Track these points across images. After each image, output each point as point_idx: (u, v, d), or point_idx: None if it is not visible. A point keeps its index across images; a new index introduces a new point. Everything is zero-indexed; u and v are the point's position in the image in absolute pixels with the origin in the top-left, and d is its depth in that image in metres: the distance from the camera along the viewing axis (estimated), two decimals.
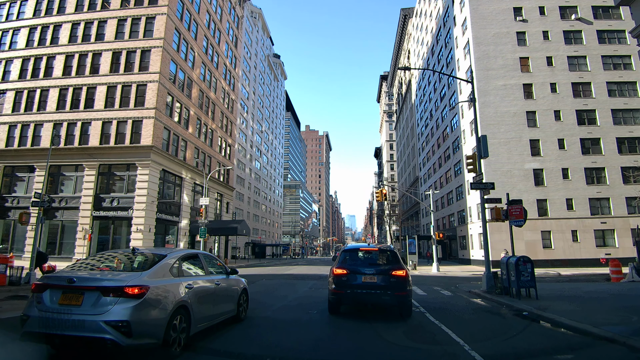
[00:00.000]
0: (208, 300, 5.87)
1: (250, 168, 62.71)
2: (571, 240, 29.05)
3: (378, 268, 7.91)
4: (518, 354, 5.32)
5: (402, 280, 7.58)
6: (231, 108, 50.84)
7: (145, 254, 5.62)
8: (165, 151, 32.79)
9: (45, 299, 4.42)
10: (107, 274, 4.92)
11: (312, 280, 16.86)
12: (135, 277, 4.63)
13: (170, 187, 34.85)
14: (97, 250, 30.52)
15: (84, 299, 4.31)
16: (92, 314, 4.21)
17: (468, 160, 13.12)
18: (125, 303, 4.30)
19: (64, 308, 4.29)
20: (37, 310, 4.36)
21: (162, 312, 4.65)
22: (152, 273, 4.85)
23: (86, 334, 4.13)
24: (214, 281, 6.28)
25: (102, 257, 5.85)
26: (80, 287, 4.39)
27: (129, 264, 5.45)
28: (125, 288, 4.37)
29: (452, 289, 13.51)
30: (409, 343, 5.89)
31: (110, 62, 33.08)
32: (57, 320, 4.21)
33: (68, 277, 4.48)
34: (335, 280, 7.80)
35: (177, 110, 35.70)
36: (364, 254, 8.47)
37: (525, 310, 8.26)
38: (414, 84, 61.72)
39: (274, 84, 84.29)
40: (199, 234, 27.32)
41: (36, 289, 4.55)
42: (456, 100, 37.78)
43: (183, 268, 5.61)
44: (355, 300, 7.92)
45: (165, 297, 4.79)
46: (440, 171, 44.60)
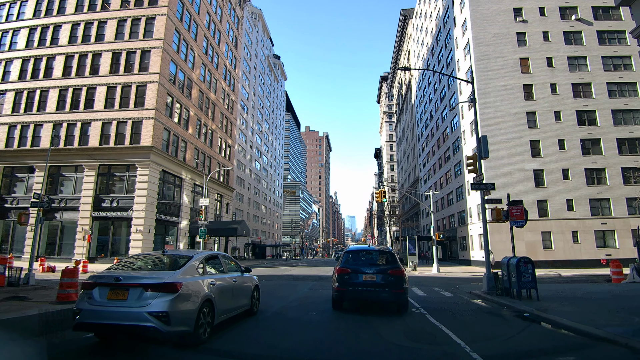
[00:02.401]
0: (227, 295, 6.65)
1: (250, 169, 62.68)
2: (571, 241, 29.00)
3: (377, 268, 8.52)
4: (519, 356, 5.28)
5: (399, 279, 8.25)
6: (231, 109, 50.82)
7: (175, 255, 6.40)
8: (165, 152, 32.75)
9: (95, 294, 5.12)
10: (146, 273, 5.69)
11: (312, 281, 16.81)
12: (170, 275, 5.38)
13: (170, 187, 34.80)
14: (96, 251, 30.50)
15: (129, 294, 5.03)
16: (136, 307, 4.93)
17: (468, 161, 13.07)
18: (164, 297, 5.01)
19: (112, 302, 5.02)
20: (88, 304, 5.07)
21: (193, 304, 5.38)
22: (183, 272, 5.57)
23: (133, 323, 4.87)
24: (232, 279, 7.07)
25: (137, 259, 6.51)
26: (126, 284, 5.09)
27: (161, 264, 6.22)
28: (163, 284, 5.10)
29: (453, 290, 13.46)
30: (410, 344, 5.85)
31: (110, 63, 33.07)
32: (106, 312, 4.96)
33: (115, 276, 5.21)
34: (339, 278, 8.40)
35: (177, 110, 35.67)
36: (364, 254, 9.19)
37: (526, 312, 8.21)
38: (414, 84, 61.70)
39: (274, 84, 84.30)
40: (199, 235, 27.26)
41: (86, 287, 5.23)
42: (456, 101, 37.73)
43: (207, 267, 6.41)
44: (356, 296, 8.46)
45: (194, 292, 5.52)
46: (440, 172, 44.56)
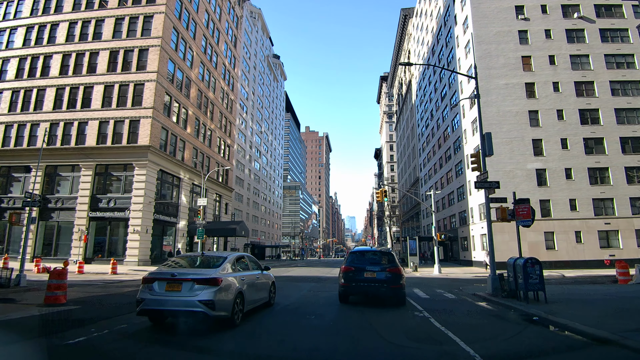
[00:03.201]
0: (253, 289, 8.06)
1: (249, 169, 62.28)
2: (574, 242, 28.60)
3: (377, 266, 9.70)
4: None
5: (397, 276, 9.50)
6: (230, 108, 50.45)
7: (212, 256, 7.76)
8: (163, 151, 32.39)
9: (155, 287, 6.40)
10: (193, 270, 6.93)
11: (311, 283, 16.42)
12: (212, 272, 6.66)
13: (168, 187, 34.43)
14: (93, 252, 30.15)
15: (183, 287, 6.31)
16: (189, 296, 6.21)
17: (472, 159, 12.70)
18: (209, 289, 6.30)
19: (169, 293, 6.30)
20: (149, 294, 6.35)
21: (230, 295, 6.71)
22: (221, 269, 6.90)
23: (187, 309, 6.20)
24: (256, 275, 8.46)
25: (182, 259, 7.95)
26: (180, 279, 6.39)
27: (202, 263, 7.47)
28: (209, 279, 6.40)
29: (456, 292, 13.06)
30: (415, 351, 5.45)
31: (107, 61, 32.76)
32: (165, 301, 6.26)
33: (171, 272, 6.54)
34: (344, 275, 9.70)
35: (175, 110, 35.31)
36: (366, 254, 10.50)
37: (536, 315, 7.82)
38: (414, 84, 61.33)
39: (274, 84, 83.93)
40: (197, 235, 26.88)
41: (147, 281, 6.55)
42: (457, 100, 37.35)
43: (237, 266, 7.76)
44: (359, 291, 9.72)
45: (230, 285, 6.86)
46: (441, 172, 44.17)
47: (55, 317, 7.77)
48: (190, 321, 6.70)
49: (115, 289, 13.75)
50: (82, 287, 14.19)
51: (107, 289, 13.90)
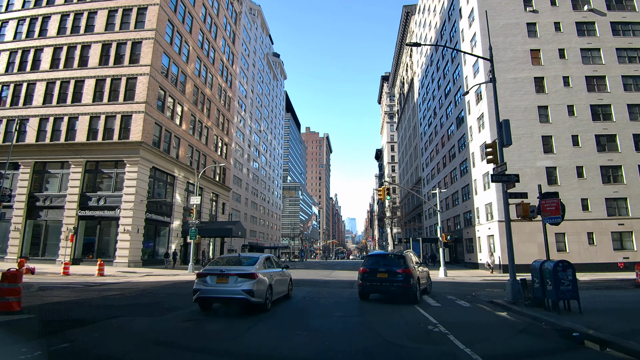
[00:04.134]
0: (278, 283, 9.88)
1: (247, 168, 60.97)
2: (587, 243, 27.22)
3: (389, 267, 10.85)
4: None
5: (406, 276, 10.46)
6: (228, 105, 49.21)
7: (247, 256, 9.53)
8: (156, 148, 31.15)
9: (207, 280, 8.34)
10: (236, 267, 8.61)
11: (308, 287, 15.09)
12: (251, 268, 8.43)
13: (161, 186, 33.15)
14: (82, 252, 28.91)
15: (229, 280, 8.18)
16: (235, 287, 8.10)
17: (488, 149, 11.38)
18: (249, 281, 8.13)
19: (219, 284, 8.23)
20: (203, 286, 8.25)
21: (263, 286, 8.55)
22: (257, 266, 8.63)
23: (234, 296, 8.11)
24: (279, 272, 10.33)
25: (221, 259, 9.82)
26: (227, 274, 8.25)
27: (239, 262, 9.13)
28: (249, 274, 8.21)
29: (469, 299, 11.71)
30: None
31: (99, 55, 31.65)
32: (217, 290, 8.26)
33: (220, 269, 8.46)
34: (361, 276, 11.13)
35: (170, 105, 34.09)
36: (381, 257, 11.87)
37: (575, 330, 6.46)
38: (417, 82, 60.06)
39: (273, 83, 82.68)
40: (189, 235, 25.56)
41: (201, 276, 8.44)
42: (462, 97, 36.02)
43: (266, 264, 9.51)
44: (373, 290, 11.09)
45: (264, 279, 8.64)
46: (444, 171, 42.82)
47: None
48: (235, 306, 8.67)
49: (92, 294, 12.44)
50: (56, 291, 12.88)
51: (84, 293, 12.58)
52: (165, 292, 13.47)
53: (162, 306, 9.74)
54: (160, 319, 7.99)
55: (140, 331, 6.72)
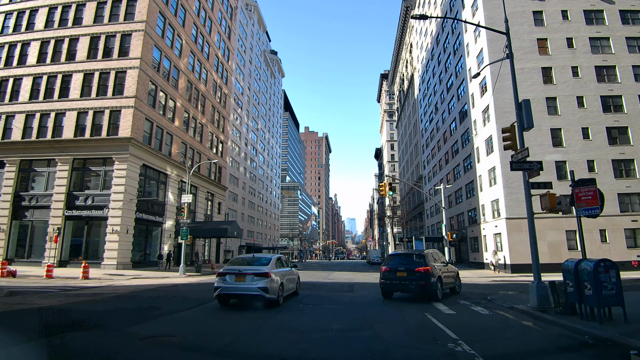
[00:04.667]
0: (288, 281, 11.09)
1: (245, 167, 59.60)
2: (599, 241, 25.89)
3: (407, 266, 10.98)
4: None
5: (425, 274, 10.53)
6: (224, 102, 47.87)
7: (260, 257, 10.81)
8: (147, 145, 29.84)
9: (227, 278, 9.65)
10: (251, 267, 9.94)
11: (304, 291, 13.75)
12: (265, 268, 9.78)
13: (153, 184, 31.82)
14: (69, 254, 27.57)
15: (246, 278, 9.50)
16: (251, 284, 9.37)
17: (505, 134, 10.06)
18: (264, 279, 9.42)
19: (237, 282, 9.53)
20: (223, 284, 9.57)
21: (276, 284, 9.86)
22: (270, 266, 9.98)
23: (250, 293, 9.38)
24: (289, 271, 11.53)
25: (237, 260, 10.93)
26: (244, 273, 9.61)
27: (254, 262, 10.34)
28: (263, 273, 9.54)
29: (485, 304, 10.37)
30: None
31: (87, 48, 30.41)
32: (235, 288, 9.53)
33: (238, 269, 9.81)
34: (382, 275, 11.42)
35: (162, 100, 32.77)
36: (401, 256, 11.94)
37: (633, 347, 5.12)
38: (417, 78, 58.76)
39: (271, 80, 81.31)
40: (180, 235, 24.22)
41: (221, 275, 9.80)
42: (465, 90, 34.68)
43: (277, 264, 10.63)
44: (393, 288, 11.33)
45: (276, 277, 9.97)
46: (447, 168, 41.48)
47: None
48: (251, 301, 9.57)
49: (65, 299, 11.15)
50: (25, 296, 11.56)
51: (51, 299, 11.23)
52: (147, 296, 12.16)
53: (125, 317, 8.37)
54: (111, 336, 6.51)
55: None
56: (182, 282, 17.73)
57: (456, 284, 13.08)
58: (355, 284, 16.76)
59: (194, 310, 9.48)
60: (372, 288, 15.27)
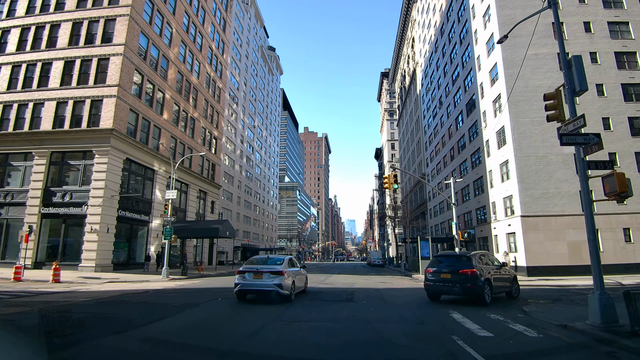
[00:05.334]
0: (298, 279, 12.48)
1: (240, 165, 57.41)
2: (623, 241, 23.71)
3: (452, 267, 10.95)
4: None
5: (470, 276, 10.36)
6: (218, 97, 45.76)
7: (274, 257, 12.11)
8: (132, 138, 27.73)
9: (246, 276, 10.80)
10: (267, 266, 11.03)
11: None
12: (279, 267, 10.88)
13: (139, 180, 29.66)
14: (46, 255, 25.39)
15: (263, 276, 10.58)
16: (268, 282, 10.49)
17: (548, 102, 7.94)
18: (279, 277, 10.56)
19: (255, 279, 10.62)
20: (242, 281, 10.71)
21: (289, 281, 11.01)
22: (283, 266, 11.10)
23: (267, 289, 10.46)
24: (299, 271, 12.97)
25: (255, 260, 12.10)
26: (262, 271, 10.71)
27: (269, 262, 11.50)
28: (278, 271, 10.66)
29: (522, 318, 8.18)
30: None
31: (69, 34, 28.42)
32: (254, 284, 10.64)
33: (256, 268, 10.89)
34: (425, 276, 11.61)
35: (149, 91, 30.67)
36: (445, 258, 11.88)
37: None
38: (419, 73, 56.70)
39: (269, 77, 79.23)
40: (164, 235, 22.04)
41: (241, 272, 10.94)
42: (473, 80, 32.55)
43: (289, 264, 11.92)
44: (437, 290, 11.37)
45: (289, 275, 11.13)
46: (452, 164, 39.31)
47: None
48: (267, 296, 10.83)
49: (14, 308, 8.99)
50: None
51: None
52: (99, 311, 9.98)
53: None
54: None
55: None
56: (158, 288, 15.50)
57: (513, 288, 12.37)
58: (355, 291, 14.58)
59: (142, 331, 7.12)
60: (375, 296, 13.12)
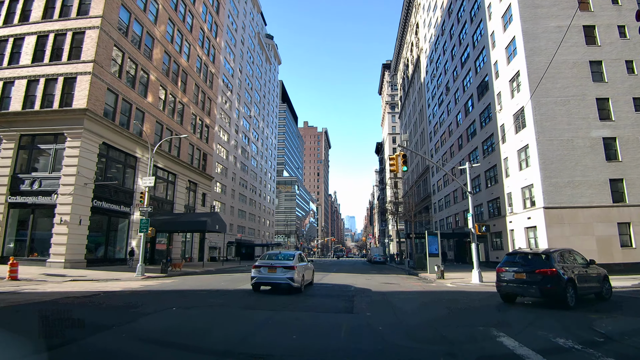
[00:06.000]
0: (307, 273, 13.93)
1: (235, 156, 54.72)
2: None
3: (526, 267, 10.04)
4: None
5: (548, 276, 9.30)
6: (210, 83, 43.02)
7: (286, 253, 13.66)
8: (110, 120, 25.12)
9: (262, 270, 12.12)
10: (280, 261, 12.40)
11: (266, 312, 9.00)
12: (291, 262, 12.22)
13: (119, 168, 27.06)
14: (15, 249, 22.87)
15: (277, 270, 11.93)
16: (281, 275, 11.85)
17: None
18: (291, 271, 11.84)
19: (270, 273, 12.02)
20: (258, 274, 12.09)
21: (299, 275, 12.30)
22: (294, 261, 12.48)
23: (280, 282, 11.94)
24: (307, 265, 14.53)
25: (268, 255, 13.51)
26: (275, 266, 12.03)
27: (282, 258, 13.04)
28: (290, 266, 11.97)
29: (586, 339, 5.66)
30: None
31: (43, 7, 25.86)
32: (268, 278, 12.08)
33: (270, 263, 12.22)
34: (497, 276, 10.77)
35: (131, 71, 28.02)
36: (519, 256, 10.86)
37: None
38: (424, 60, 53.90)
39: (266, 66, 76.31)
40: (139, 228, 19.49)
41: (257, 267, 12.29)
42: (486, 59, 29.85)
43: (299, 259, 13.32)
44: (510, 291, 10.41)
45: (299, 270, 12.42)
46: (460, 154, 36.66)
47: None
48: (280, 288, 12.45)
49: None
50: None
51: None
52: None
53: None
54: None
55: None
56: (116, 290, 12.67)
57: (603, 288, 11.03)
58: (355, 296, 11.89)
59: None
60: (382, 305, 10.31)
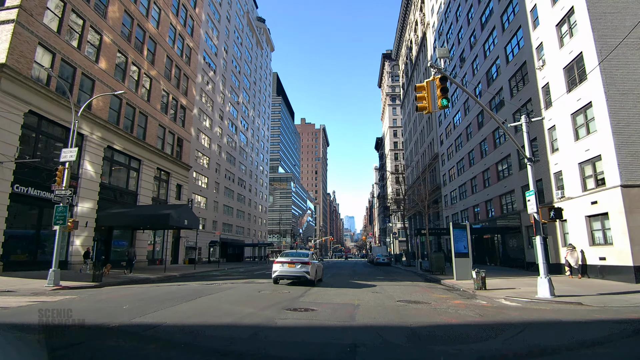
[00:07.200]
0: (319, 269, 17.16)
1: (219, 145, 48.82)
2: None
3: None
4: None
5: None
6: (187, 58, 37.26)
7: (300, 252, 16.44)
8: (43, 85, 19.42)
9: (282, 266, 15.39)
10: (297, 258, 15.56)
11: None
12: (307, 259, 15.51)
13: (57, 147, 21.26)
14: None
15: (296, 265, 15.17)
16: (299, 269, 15.10)
17: None
18: (307, 266, 15.12)
19: (289, 268, 15.24)
20: (280, 269, 15.39)
21: (314, 270, 15.63)
22: (310, 257, 15.86)
23: (299, 275, 15.15)
24: (319, 263, 18.07)
25: (286, 253, 16.53)
26: (294, 262, 15.29)
27: (299, 255, 16.00)
28: (306, 262, 15.27)
29: None
30: None
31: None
32: (289, 272, 15.27)
33: (290, 259, 15.46)
34: None
35: (76, 28, 22.28)
36: None
37: None
38: (431, 35, 48.29)
39: (257, 50, 70.47)
40: (54, 219, 13.74)
41: (277, 263, 15.66)
42: (519, 8, 24.12)
43: (312, 257, 16.41)
44: None
45: (314, 265, 15.73)
46: (481, 132, 30.88)
47: None
48: (298, 281, 15.49)
49: None
50: None
51: None
52: None
53: None
54: None
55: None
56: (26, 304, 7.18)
57: None
58: (360, 347, 6.08)
59: None
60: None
